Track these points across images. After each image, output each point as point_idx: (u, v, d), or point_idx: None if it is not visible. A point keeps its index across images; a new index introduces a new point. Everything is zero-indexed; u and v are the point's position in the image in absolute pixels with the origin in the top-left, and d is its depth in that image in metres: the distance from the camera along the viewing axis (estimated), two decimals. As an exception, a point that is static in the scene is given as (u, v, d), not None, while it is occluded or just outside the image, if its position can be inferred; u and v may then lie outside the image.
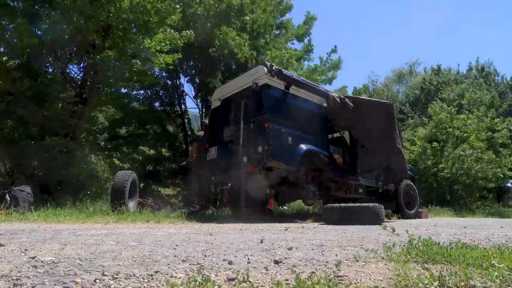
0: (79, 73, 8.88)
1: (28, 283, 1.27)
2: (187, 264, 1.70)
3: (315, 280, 1.28)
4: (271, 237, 3.01)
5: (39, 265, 1.57)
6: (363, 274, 1.56)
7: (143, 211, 6.28)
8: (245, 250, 2.22)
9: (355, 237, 3.13)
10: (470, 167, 13.38)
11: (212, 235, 3.14)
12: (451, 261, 1.75)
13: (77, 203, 6.19)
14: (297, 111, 6.55)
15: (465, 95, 21.65)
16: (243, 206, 5.98)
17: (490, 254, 1.79)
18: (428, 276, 1.35)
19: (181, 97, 13.74)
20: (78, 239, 2.54)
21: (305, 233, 3.57)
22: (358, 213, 5.27)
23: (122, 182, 6.03)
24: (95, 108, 9.47)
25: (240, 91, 6.71)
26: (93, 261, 1.71)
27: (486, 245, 2.50)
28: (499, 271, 1.41)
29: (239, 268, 1.60)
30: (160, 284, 1.33)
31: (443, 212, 11.50)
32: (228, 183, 6.95)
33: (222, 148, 6.74)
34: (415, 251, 1.96)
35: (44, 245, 2.19)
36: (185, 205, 8.34)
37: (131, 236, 2.89)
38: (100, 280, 1.34)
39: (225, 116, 7.03)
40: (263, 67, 6.30)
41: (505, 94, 24.86)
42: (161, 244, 2.41)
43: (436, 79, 27.03)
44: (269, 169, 6.22)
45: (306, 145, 6.37)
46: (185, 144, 13.50)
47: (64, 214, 5.22)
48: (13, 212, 4.97)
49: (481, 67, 28.67)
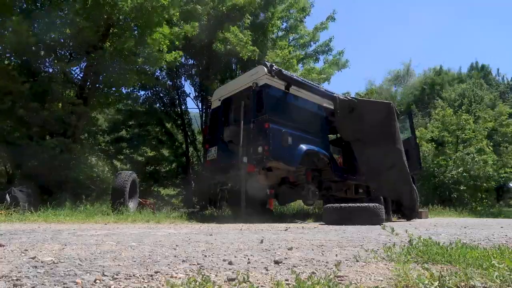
0: (79, 73, 8.90)
1: (28, 284, 1.27)
2: (187, 264, 1.70)
3: (315, 280, 1.28)
4: (271, 237, 3.01)
5: (39, 265, 1.57)
6: (363, 274, 1.56)
7: (143, 211, 6.28)
8: (245, 250, 2.22)
9: (355, 237, 3.13)
10: (472, 168, 13.38)
11: (212, 235, 3.13)
12: (451, 261, 1.75)
13: (77, 204, 6.19)
14: (297, 111, 6.55)
15: (466, 94, 21.67)
16: (243, 206, 5.98)
17: (490, 254, 1.79)
18: (428, 276, 1.35)
19: (182, 97, 13.76)
20: (78, 240, 2.54)
21: (305, 233, 3.57)
22: (358, 213, 5.26)
23: (122, 183, 6.03)
24: (96, 108, 9.47)
25: (240, 91, 6.71)
26: (93, 261, 1.71)
27: (486, 245, 2.50)
28: (499, 271, 1.41)
29: (239, 268, 1.60)
30: (160, 284, 1.33)
31: (443, 212, 11.50)
32: (228, 183, 6.96)
33: (222, 148, 6.74)
34: (415, 251, 1.96)
35: (44, 245, 2.19)
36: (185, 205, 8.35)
37: (131, 236, 2.89)
38: (100, 281, 1.34)
39: (225, 116, 7.03)
40: (263, 67, 6.30)
41: (506, 94, 24.87)
42: (161, 244, 2.41)
43: (436, 79, 27.05)
44: (269, 169, 6.22)
45: (306, 145, 6.37)
46: (185, 145, 13.50)
47: (64, 214, 5.21)
48: (13, 212, 4.97)
49: (481, 67, 28.68)
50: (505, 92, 25.25)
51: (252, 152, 6.01)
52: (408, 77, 34.00)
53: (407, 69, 34.80)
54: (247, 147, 6.07)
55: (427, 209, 10.51)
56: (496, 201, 17.40)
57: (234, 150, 6.30)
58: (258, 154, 5.91)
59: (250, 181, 6.08)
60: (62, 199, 6.29)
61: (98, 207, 6.14)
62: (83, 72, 8.66)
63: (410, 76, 33.91)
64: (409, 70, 34.73)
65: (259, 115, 6.14)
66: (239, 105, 6.47)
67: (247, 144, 6.09)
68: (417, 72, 34.40)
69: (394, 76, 35.09)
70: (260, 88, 6.20)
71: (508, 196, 18.99)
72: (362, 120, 7.07)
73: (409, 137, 8.18)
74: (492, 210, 13.84)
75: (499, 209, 15.02)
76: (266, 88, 6.19)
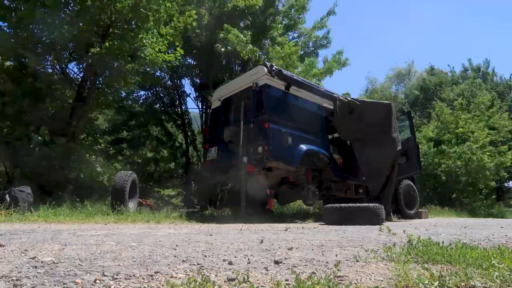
0: (78, 73, 8.89)
1: (28, 284, 1.27)
2: (187, 265, 1.70)
3: (315, 280, 1.28)
4: (271, 237, 3.01)
5: (39, 265, 1.57)
6: (363, 274, 1.56)
7: (143, 211, 6.28)
8: (245, 250, 2.22)
9: (355, 237, 3.13)
10: (471, 168, 13.38)
11: (212, 236, 3.13)
12: (451, 261, 1.75)
13: (77, 204, 6.18)
14: (297, 111, 6.55)
15: (465, 94, 21.69)
16: (243, 206, 5.98)
17: (490, 254, 1.79)
18: (428, 276, 1.35)
19: (182, 97, 13.76)
20: (78, 240, 2.54)
21: (305, 233, 3.57)
22: (358, 213, 5.26)
23: (122, 183, 6.03)
24: (95, 108, 9.47)
25: (240, 91, 6.71)
26: (93, 261, 1.71)
27: (486, 245, 2.50)
28: (499, 271, 1.41)
29: (239, 269, 1.60)
30: (160, 284, 1.33)
31: (443, 212, 11.50)
32: (228, 183, 6.95)
33: (222, 149, 6.74)
34: (415, 251, 1.96)
35: (44, 245, 2.19)
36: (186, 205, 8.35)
37: (131, 236, 2.89)
38: (100, 281, 1.34)
39: (225, 117, 7.04)
40: (263, 68, 6.30)
41: (504, 94, 24.89)
42: (161, 244, 2.41)
43: (434, 79, 27.05)
44: (269, 169, 6.22)
45: (306, 145, 6.37)
46: (185, 145, 13.50)
47: (64, 214, 5.21)
48: (13, 212, 4.97)
49: (477, 67, 28.69)
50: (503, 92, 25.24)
51: (252, 152, 6.01)
52: (410, 76, 34.00)
53: (409, 69, 34.83)
54: (247, 147, 6.07)
55: (427, 209, 10.51)
56: (496, 201, 17.38)
57: (234, 150, 6.30)
58: (258, 154, 5.91)
59: (250, 181, 6.08)
60: (62, 199, 6.28)
61: (98, 207, 6.14)
62: (82, 72, 8.67)
63: (412, 75, 33.90)
64: (411, 69, 34.75)
65: (259, 115, 6.14)
66: (239, 105, 6.47)
67: (247, 144, 6.09)
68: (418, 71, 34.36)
69: (395, 75, 35.08)
70: (260, 88, 6.20)
71: (508, 196, 18.99)
72: (362, 121, 7.08)
73: (409, 137, 8.18)
74: (492, 210, 13.83)
75: (499, 209, 15.02)
76: (266, 88, 6.19)
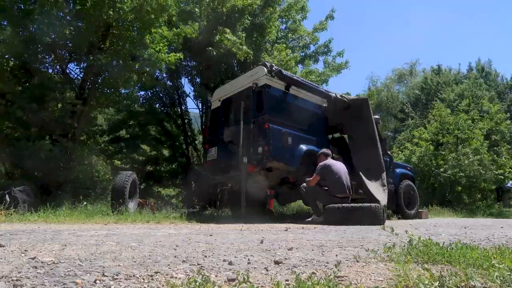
0: (79, 74, 8.89)
1: (28, 284, 1.27)
2: (187, 265, 1.70)
3: (315, 280, 1.28)
4: (271, 238, 3.01)
5: (39, 265, 1.57)
6: (364, 274, 1.56)
7: (143, 211, 6.28)
8: (245, 250, 2.22)
9: (355, 238, 3.13)
10: (471, 169, 13.37)
11: (212, 236, 3.13)
12: (451, 261, 1.75)
13: (77, 204, 6.19)
14: (297, 112, 6.55)
15: (465, 94, 21.68)
16: (243, 206, 5.98)
17: (490, 255, 1.79)
18: (428, 277, 1.35)
19: (182, 97, 13.75)
20: (78, 240, 2.54)
21: (305, 234, 3.57)
22: (358, 214, 5.26)
23: (122, 183, 6.03)
24: (95, 108, 9.47)
25: (240, 91, 6.71)
26: (93, 261, 1.71)
27: (486, 245, 2.50)
28: (499, 272, 1.41)
29: (239, 269, 1.59)
30: (160, 284, 1.33)
31: (443, 213, 11.49)
32: (228, 183, 6.95)
33: (222, 149, 6.74)
34: (415, 251, 1.96)
35: (44, 245, 2.19)
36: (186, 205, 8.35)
37: (131, 236, 2.89)
38: (100, 281, 1.34)
39: (225, 117, 7.03)
40: (263, 68, 6.30)
41: (505, 94, 24.89)
42: (161, 244, 2.41)
43: (436, 79, 27.04)
44: (269, 169, 6.21)
45: (306, 146, 6.37)
46: (185, 145, 13.50)
47: (64, 214, 5.21)
48: (13, 212, 4.97)
49: (481, 68, 28.68)
50: (504, 92, 25.26)
51: (252, 152, 6.01)
52: (411, 77, 33.94)
53: (411, 69, 34.80)
54: (247, 148, 6.07)
55: (427, 209, 10.51)
56: (496, 201, 17.35)
57: (234, 151, 6.30)
58: (258, 154, 5.91)
59: (250, 182, 6.08)
60: (62, 199, 6.28)
61: (98, 207, 6.14)
62: (82, 72, 8.67)
63: (414, 76, 33.84)
64: (413, 70, 34.72)
65: (259, 115, 6.14)
66: (239, 106, 6.48)
67: (247, 144, 6.09)
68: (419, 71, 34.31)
69: (396, 75, 35.04)
70: (260, 88, 6.20)
71: (508, 196, 18.95)
72: (351, 117, 7.10)
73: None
74: (492, 211, 13.81)
75: (499, 209, 14.99)
76: (266, 88, 6.19)
